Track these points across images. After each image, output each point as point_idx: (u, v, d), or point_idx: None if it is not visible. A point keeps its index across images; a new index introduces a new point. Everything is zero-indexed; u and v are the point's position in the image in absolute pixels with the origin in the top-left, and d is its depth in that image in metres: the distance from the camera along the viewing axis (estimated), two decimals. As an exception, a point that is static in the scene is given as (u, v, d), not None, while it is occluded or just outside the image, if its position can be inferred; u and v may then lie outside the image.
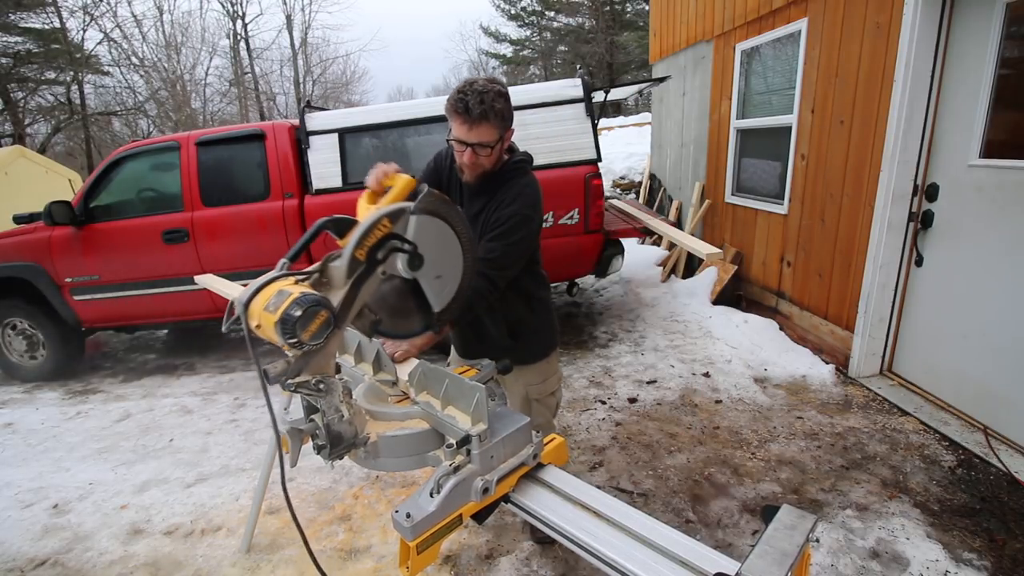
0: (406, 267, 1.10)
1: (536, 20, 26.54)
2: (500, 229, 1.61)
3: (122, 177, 4.17)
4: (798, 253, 3.99)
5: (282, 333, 0.93)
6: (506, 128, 1.61)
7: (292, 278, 1.02)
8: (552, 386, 1.98)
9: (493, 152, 1.61)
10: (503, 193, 1.66)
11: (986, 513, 2.21)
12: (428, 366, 1.23)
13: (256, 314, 0.97)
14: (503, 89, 1.57)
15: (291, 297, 0.94)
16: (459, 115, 1.53)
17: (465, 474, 1.04)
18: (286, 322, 0.92)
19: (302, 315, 0.93)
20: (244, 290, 0.99)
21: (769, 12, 4.15)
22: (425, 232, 1.12)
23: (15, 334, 4.41)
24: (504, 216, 1.61)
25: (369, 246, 1.06)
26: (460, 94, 1.52)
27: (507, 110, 1.58)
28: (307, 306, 0.93)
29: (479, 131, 1.54)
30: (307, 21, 27.63)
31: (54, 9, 18.11)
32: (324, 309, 0.96)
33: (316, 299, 0.95)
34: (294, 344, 0.95)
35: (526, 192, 1.67)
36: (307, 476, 2.75)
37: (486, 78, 1.58)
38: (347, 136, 3.88)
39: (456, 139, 1.58)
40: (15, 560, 2.37)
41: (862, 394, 3.23)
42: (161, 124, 21.78)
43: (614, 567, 0.93)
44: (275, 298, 0.96)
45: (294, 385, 1.01)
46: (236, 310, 0.98)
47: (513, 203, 1.62)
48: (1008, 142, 2.57)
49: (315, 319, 0.95)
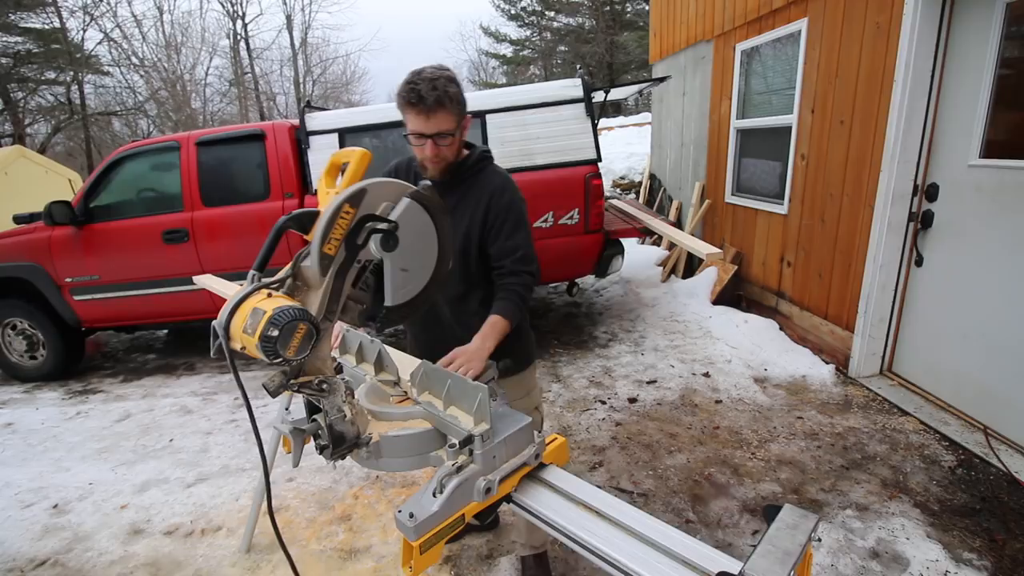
0: (378, 246, 1.06)
1: (536, 20, 26.53)
2: (511, 222, 1.59)
3: (122, 177, 4.17)
4: (798, 253, 3.99)
5: (265, 355, 0.90)
6: (463, 115, 1.54)
7: (264, 291, 0.98)
8: (536, 400, 1.88)
9: (454, 140, 1.55)
10: (484, 185, 1.61)
11: (986, 513, 2.21)
12: (430, 366, 1.23)
13: (237, 336, 0.93)
14: (452, 74, 1.50)
15: (266, 316, 0.89)
16: (413, 106, 1.46)
17: (468, 474, 1.04)
18: (266, 344, 0.89)
19: (280, 335, 0.89)
20: (221, 312, 0.95)
21: (769, 12, 4.16)
22: (409, 220, 1.08)
23: (15, 334, 4.40)
24: (503, 207, 1.59)
25: (337, 237, 1.01)
26: (410, 84, 1.44)
27: (460, 95, 1.51)
28: (283, 324, 0.89)
29: (437, 120, 1.47)
30: (307, 21, 27.69)
31: (54, 9, 18.10)
32: (301, 322, 0.92)
33: (292, 314, 0.90)
34: (280, 363, 0.93)
35: (508, 179, 1.65)
36: (307, 476, 2.75)
37: (434, 66, 1.50)
38: (347, 136, 3.89)
39: (413, 132, 1.51)
40: (15, 560, 2.37)
41: (862, 394, 3.23)
42: (161, 124, 21.77)
43: (617, 567, 0.93)
44: (251, 318, 0.91)
45: (297, 385, 1.01)
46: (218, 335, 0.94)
47: (503, 192, 1.60)
48: (1008, 142, 2.57)
49: (294, 335, 0.91)
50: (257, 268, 1.02)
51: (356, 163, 1.12)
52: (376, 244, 1.05)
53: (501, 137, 3.78)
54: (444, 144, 1.53)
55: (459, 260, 1.64)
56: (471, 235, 1.62)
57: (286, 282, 1.02)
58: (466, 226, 1.62)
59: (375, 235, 1.05)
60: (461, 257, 1.64)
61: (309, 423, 1.13)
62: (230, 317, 0.94)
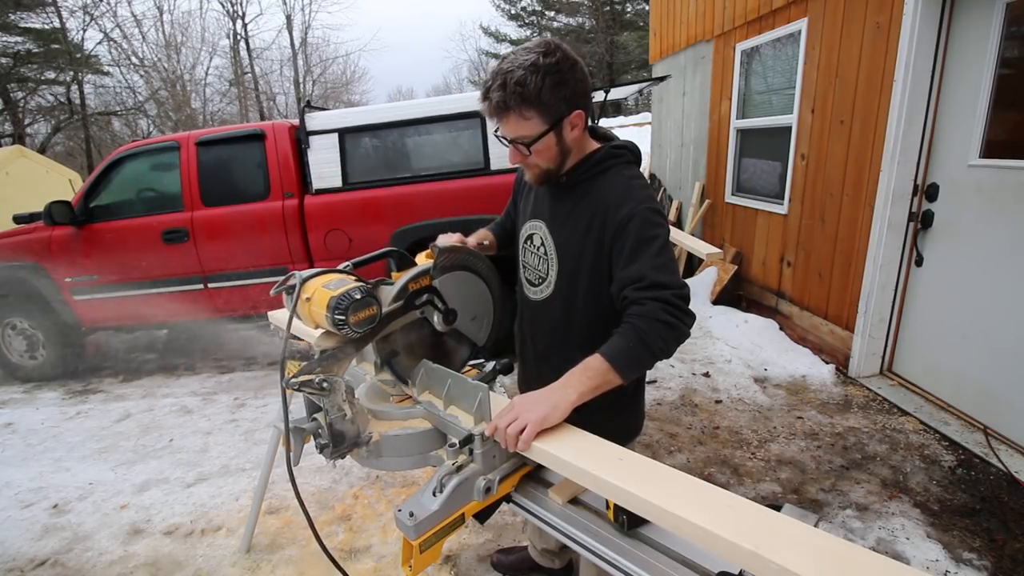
0: (441, 323, 1.25)
1: (536, 20, 26.54)
2: (631, 243, 1.15)
3: (122, 177, 4.16)
4: (798, 253, 3.99)
5: (335, 310, 1.00)
6: (558, 114, 1.15)
7: (352, 276, 1.12)
8: None
9: (546, 146, 1.18)
10: (598, 197, 1.22)
11: (986, 513, 2.21)
12: (430, 366, 1.23)
13: (312, 288, 1.05)
14: (545, 61, 1.10)
15: (352, 284, 1.05)
16: (482, 104, 1.18)
17: (468, 473, 1.04)
18: (343, 300, 1.01)
19: (359, 299, 1.02)
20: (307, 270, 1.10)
21: (769, 12, 4.16)
22: (450, 288, 1.26)
23: (15, 334, 4.40)
24: (618, 225, 1.16)
25: (414, 289, 1.19)
26: (487, 76, 1.17)
27: (548, 88, 1.11)
28: (364, 294, 1.03)
29: (508, 124, 1.17)
30: (307, 21, 27.67)
31: (54, 9, 18.09)
32: (377, 304, 1.06)
33: (372, 294, 1.06)
34: (340, 323, 1.01)
35: (631, 186, 1.21)
36: (307, 476, 2.75)
37: (524, 47, 1.14)
38: (347, 136, 3.88)
39: (496, 135, 1.23)
40: (15, 560, 2.37)
41: (862, 394, 3.23)
42: (161, 124, 21.76)
43: (617, 567, 0.93)
44: (337, 281, 1.06)
45: (298, 384, 1.02)
46: (293, 280, 1.06)
47: (621, 206, 1.17)
48: (1008, 142, 2.57)
49: (367, 308, 1.04)
50: (355, 264, 1.20)
51: None
52: (439, 320, 1.25)
53: (501, 137, 3.78)
54: (527, 151, 1.20)
55: (564, 286, 1.29)
56: (580, 257, 1.25)
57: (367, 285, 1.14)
58: (575, 247, 1.25)
59: (436, 312, 1.25)
60: (567, 283, 1.29)
61: (309, 422, 1.13)
62: (315, 275, 1.09)
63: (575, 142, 1.22)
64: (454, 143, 4.00)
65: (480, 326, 1.35)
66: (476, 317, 1.33)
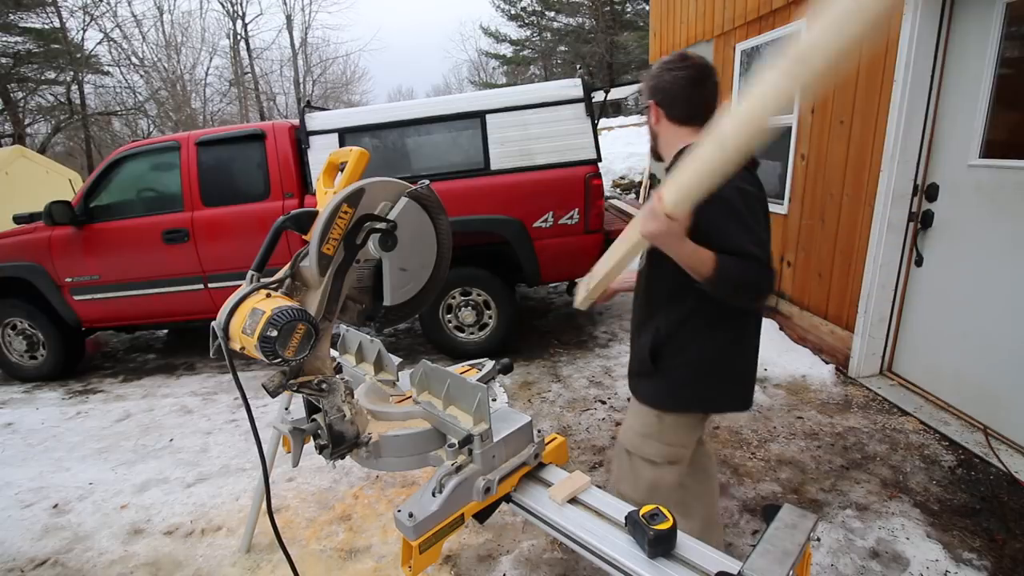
0: (377, 246, 1.06)
1: (536, 20, 26.57)
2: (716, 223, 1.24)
3: (122, 177, 4.16)
4: (798, 253, 3.99)
5: (264, 355, 0.90)
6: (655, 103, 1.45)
7: (264, 291, 0.98)
8: (649, 451, 1.52)
9: (652, 130, 1.50)
10: None
11: (986, 513, 2.21)
12: (429, 366, 1.23)
13: (236, 337, 0.94)
14: (662, 62, 1.43)
15: (264, 317, 0.89)
16: None
17: (467, 473, 1.04)
18: (265, 344, 0.89)
19: (279, 335, 0.89)
20: (220, 312, 0.95)
21: (769, 12, 4.15)
22: (408, 220, 1.09)
23: (15, 334, 4.40)
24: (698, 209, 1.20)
25: (336, 237, 1.01)
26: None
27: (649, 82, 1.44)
28: (282, 324, 0.89)
29: None
30: (307, 21, 27.71)
31: (54, 9, 18.11)
32: (300, 322, 0.92)
33: (290, 314, 0.90)
34: (280, 363, 0.93)
35: None
36: (307, 476, 2.75)
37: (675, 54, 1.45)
38: (347, 136, 3.88)
39: None
40: (15, 560, 2.37)
41: (862, 394, 3.23)
42: (161, 124, 21.77)
43: (617, 566, 0.93)
44: (250, 319, 0.91)
45: (296, 385, 1.02)
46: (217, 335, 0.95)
47: None
48: (1008, 142, 2.57)
49: (293, 335, 0.91)
50: (256, 268, 1.01)
51: (354, 162, 1.11)
52: (375, 244, 1.06)
53: (501, 137, 3.78)
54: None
55: (644, 271, 1.50)
56: None
57: (285, 282, 1.02)
58: None
59: (374, 235, 1.05)
60: (648, 267, 1.48)
61: (309, 423, 1.13)
62: (229, 317, 0.94)
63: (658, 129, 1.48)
64: (454, 143, 4.00)
65: (402, 284, 1.14)
66: (405, 271, 1.14)
